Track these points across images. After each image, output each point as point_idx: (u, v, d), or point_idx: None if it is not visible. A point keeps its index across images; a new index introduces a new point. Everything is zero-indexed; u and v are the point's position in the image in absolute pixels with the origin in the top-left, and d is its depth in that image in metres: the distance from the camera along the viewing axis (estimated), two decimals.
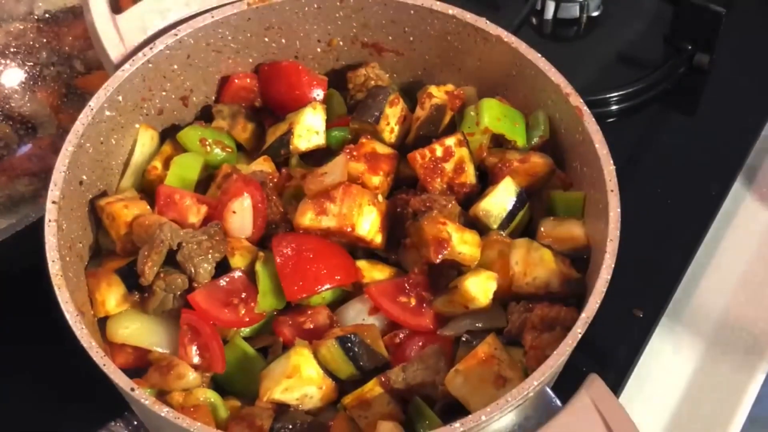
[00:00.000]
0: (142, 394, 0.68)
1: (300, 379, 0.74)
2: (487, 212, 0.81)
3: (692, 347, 0.99)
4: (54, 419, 0.90)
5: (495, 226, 0.81)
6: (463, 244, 0.78)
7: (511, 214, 0.81)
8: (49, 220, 0.75)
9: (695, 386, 0.96)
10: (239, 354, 0.77)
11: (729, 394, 0.96)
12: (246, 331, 0.79)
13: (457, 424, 0.66)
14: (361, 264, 0.81)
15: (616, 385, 0.93)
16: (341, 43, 0.93)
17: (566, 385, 0.71)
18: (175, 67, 0.87)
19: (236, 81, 0.91)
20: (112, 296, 0.79)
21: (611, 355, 0.94)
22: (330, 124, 0.89)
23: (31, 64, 1.02)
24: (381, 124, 0.86)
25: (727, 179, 1.09)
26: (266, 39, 0.91)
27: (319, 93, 0.91)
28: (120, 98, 0.83)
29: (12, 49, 1.03)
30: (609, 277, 0.72)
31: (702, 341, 1.00)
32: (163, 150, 0.88)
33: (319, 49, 0.94)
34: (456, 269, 0.79)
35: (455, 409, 0.73)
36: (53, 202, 0.76)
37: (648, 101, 1.15)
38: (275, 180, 0.84)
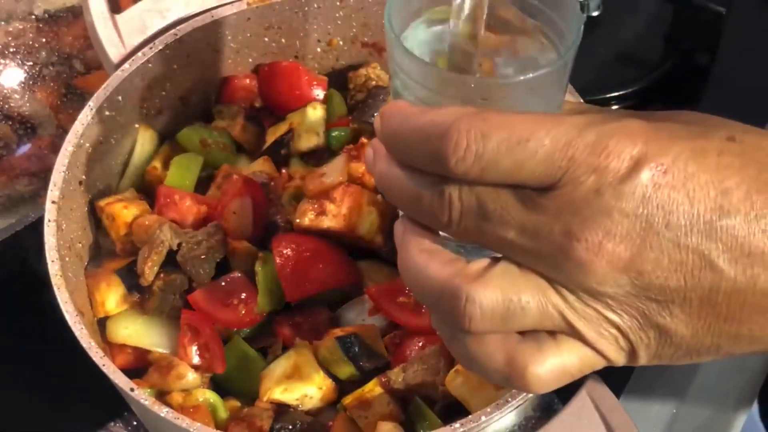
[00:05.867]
0: (141, 395, 0.68)
1: (300, 379, 0.74)
2: None
3: None
4: (53, 419, 0.90)
5: None
6: None
7: None
8: (49, 220, 0.75)
9: (696, 386, 0.96)
10: (239, 354, 0.77)
11: (730, 394, 0.95)
12: (246, 331, 0.79)
13: (457, 425, 0.66)
14: (362, 265, 0.81)
15: (616, 385, 0.92)
16: (341, 43, 0.93)
17: (566, 385, 0.71)
18: (175, 67, 0.87)
19: (236, 81, 0.91)
20: (112, 296, 0.79)
21: None
22: (330, 124, 0.89)
23: (31, 63, 1.02)
24: None
25: None
26: (266, 39, 0.91)
27: (319, 93, 0.91)
28: (120, 98, 0.83)
29: (11, 49, 1.03)
30: None
31: None
32: (163, 150, 0.88)
33: (319, 49, 0.94)
34: None
35: (455, 410, 0.73)
36: (53, 202, 0.76)
37: (648, 101, 1.15)
38: (275, 180, 0.84)
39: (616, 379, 0.94)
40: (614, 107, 1.14)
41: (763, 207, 0.42)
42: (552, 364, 0.46)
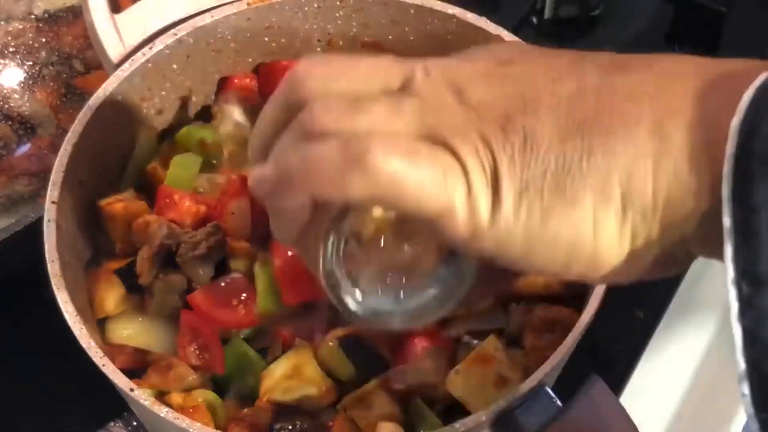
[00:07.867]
0: (141, 395, 0.68)
1: (300, 380, 0.74)
2: None
3: (693, 347, 0.99)
4: (53, 419, 0.90)
5: None
6: None
7: None
8: (48, 220, 0.75)
9: (696, 386, 0.96)
10: (239, 354, 0.77)
11: (731, 394, 0.95)
12: (246, 331, 0.79)
13: (457, 425, 0.66)
14: None
15: (617, 385, 0.93)
16: (341, 43, 0.93)
17: (566, 385, 0.71)
18: (175, 67, 0.87)
19: (236, 81, 0.91)
20: (112, 297, 0.79)
21: (612, 356, 0.94)
22: None
23: (30, 63, 1.02)
24: None
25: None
26: (266, 39, 0.91)
27: None
28: (120, 98, 0.83)
29: (11, 49, 1.03)
30: None
31: (703, 341, 0.99)
32: (163, 150, 0.88)
33: (319, 49, 0.93)
34: None
35: (455, 410, 0.72)
36: (52, 202, 0.76)
37: None
38: None
39: (616, 379, 0.94)
40: None
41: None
42: (396, 147, 0.45)
